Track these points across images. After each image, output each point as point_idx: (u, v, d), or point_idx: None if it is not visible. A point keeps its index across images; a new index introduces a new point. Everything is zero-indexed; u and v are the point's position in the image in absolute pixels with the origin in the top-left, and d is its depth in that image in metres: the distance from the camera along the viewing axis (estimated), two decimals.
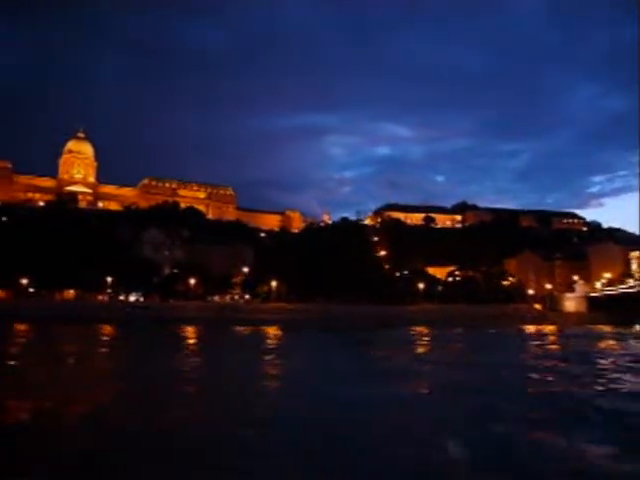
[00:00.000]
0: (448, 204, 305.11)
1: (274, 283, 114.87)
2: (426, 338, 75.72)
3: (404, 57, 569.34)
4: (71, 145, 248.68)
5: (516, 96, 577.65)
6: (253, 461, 15.70)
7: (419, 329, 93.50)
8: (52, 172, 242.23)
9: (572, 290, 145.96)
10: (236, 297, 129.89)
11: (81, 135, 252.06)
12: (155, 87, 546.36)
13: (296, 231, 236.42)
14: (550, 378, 35.26)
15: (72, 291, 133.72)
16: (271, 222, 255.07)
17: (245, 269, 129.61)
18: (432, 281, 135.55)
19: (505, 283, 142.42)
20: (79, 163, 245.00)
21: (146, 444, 17.35)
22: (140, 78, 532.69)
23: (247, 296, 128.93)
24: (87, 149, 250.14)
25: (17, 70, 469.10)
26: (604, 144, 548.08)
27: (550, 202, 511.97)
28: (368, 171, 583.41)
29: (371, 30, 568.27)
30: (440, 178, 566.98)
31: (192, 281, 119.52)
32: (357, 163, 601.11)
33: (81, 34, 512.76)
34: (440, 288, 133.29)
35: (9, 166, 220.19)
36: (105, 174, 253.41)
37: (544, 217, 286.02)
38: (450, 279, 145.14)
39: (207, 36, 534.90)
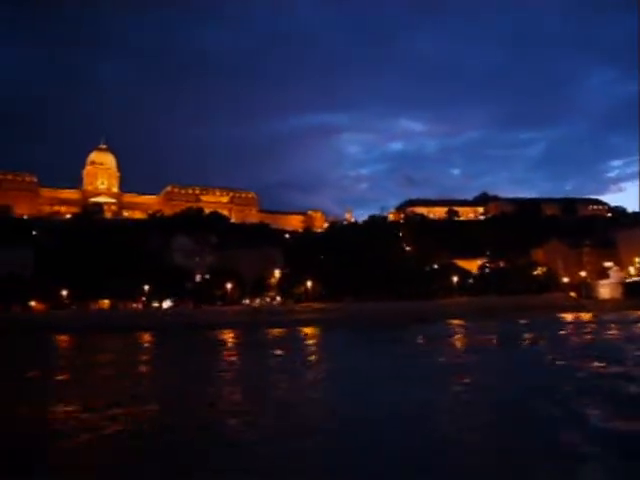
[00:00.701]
0: (465, 197, 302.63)
1: (309, 283, 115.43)
2: (462, 331, 75.59)
3: (416, 53, 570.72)
4: (94, 156, 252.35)
5: (529, 85, 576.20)
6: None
7: (456, 322, 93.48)
8: (76, 184, 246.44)
9: (605, 277, 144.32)
10: (268, 299, 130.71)
11: (103, 146, 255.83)
12: (168, 93, 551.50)
13: (319, 230, 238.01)
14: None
15: (106, 301, 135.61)
16: (294, 223, 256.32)
17: (277, 271, 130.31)
18: (463, 274, 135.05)
19: (536, 273, 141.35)
20: (102, 174, 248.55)
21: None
22: (152, 85, 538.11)
23: (278, 298, 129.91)
24: (109, 160, 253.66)
25: (33, 84, 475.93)
26: (620, 128, 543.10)
27: (569, 189, 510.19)
28: (384, 167, 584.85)
29: (384, 28, 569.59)
30: (456, 171, 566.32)
31: (228, 286, 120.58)
32: (372, 160, 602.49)
33: (91, 42, 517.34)
34: (471, 281, 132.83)
35: (34, 180, 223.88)
36: (127, 183, 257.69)
37: (567, 205, 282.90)
38: (480, 271, 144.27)
39: (218, 39, 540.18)
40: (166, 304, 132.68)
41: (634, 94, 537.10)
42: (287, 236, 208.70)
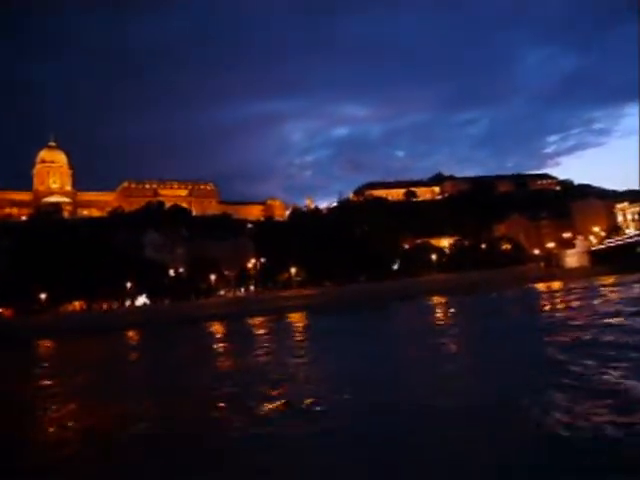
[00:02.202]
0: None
1: (293, 270, 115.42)
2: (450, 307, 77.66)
3: (356, 37, 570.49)
4: (43, 155, 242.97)
5: (470, 66, 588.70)
6: None
7: (437, 299, 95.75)
8: (24, 184, 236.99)
9: (568, 247, 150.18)
10: (243, 289, 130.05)
11: (52, 144, 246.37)
12: (110, 89, 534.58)
13: (281, 219, 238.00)
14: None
15: (77, 302, 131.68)
16: (254, 212, 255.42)
17: (252, 260, 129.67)
18: (435, 252, 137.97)
19: (504, 247, 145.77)
20: (54, 172, 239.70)
21: None
22: (94, 81, 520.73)
23: (252, 287, 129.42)
24: (60, 157, 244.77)
25: None
26: (556, 105, 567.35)
27: (510, 165, 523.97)
28: (328, 153, 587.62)
29: (321, 11, 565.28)
30: (400, 153, 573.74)
31: (212, 277, 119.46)
32: (317, 146, 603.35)
33: (28, 39, 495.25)
34: (444, 259, 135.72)
35: None
36: (80, 182, 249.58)
37: (519, 180, 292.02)
38: (453, 248, 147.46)
39: (157, 32, 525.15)
40: (141, 300, 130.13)
41: (569, 71, 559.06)
42: (250, 226, 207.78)
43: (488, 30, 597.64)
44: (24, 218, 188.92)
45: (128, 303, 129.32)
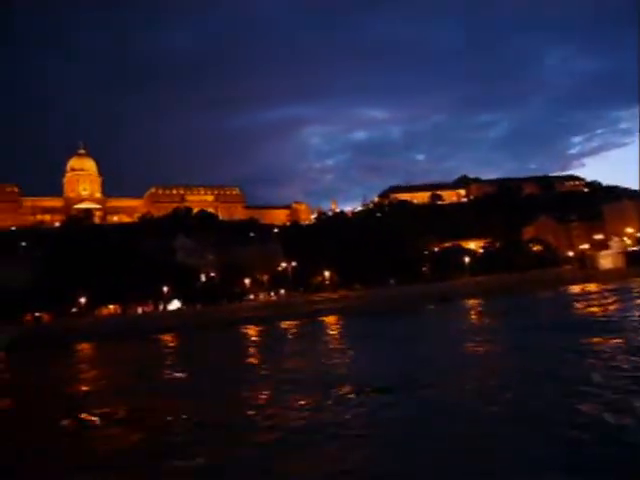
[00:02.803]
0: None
1: (327, 273, 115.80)
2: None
3: (374, 40, 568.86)
4: (73, 163, 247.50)
5: (489, 67, 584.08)
6: None
7: (472, 301, 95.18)
8: (56, 191, 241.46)
9: (600, 249, 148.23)
10: (281, 292, 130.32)
11: (82, 151, 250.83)
12: (137, 95, 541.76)
13: (307, 223, 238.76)
14: None
15: (112, 306, 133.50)
16: (279, 217, 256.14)
17: (283, 264, 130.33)
18: (467, 254, 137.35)
19: (536, 249, 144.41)
20: (84, 179, 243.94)
21: None
22: (120, 88, 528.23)
23: (282, 291, 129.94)
24: (89, 165, 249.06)
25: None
26: (579, 105, 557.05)
27: (533, 167, 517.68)
28: (348, 157, 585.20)
29: (339, 15, 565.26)
30: (420, 156, 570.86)
31: (247, 281, 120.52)
32: (336, 150, 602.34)
33: (48, 49, 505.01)
34: (474, 261, 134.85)
35: (16, 190, 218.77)
36: (108, 188, 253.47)
37: (546, 182, 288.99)
38: (485, 251, 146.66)
39: (177, 40, 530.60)
40: (174, 305, 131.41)
41: (591, 70, 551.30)
42: (276, 230, 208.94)
43: (508, 31, 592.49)
44: (57, 224, 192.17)
45: (161, 307, 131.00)
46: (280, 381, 29.53)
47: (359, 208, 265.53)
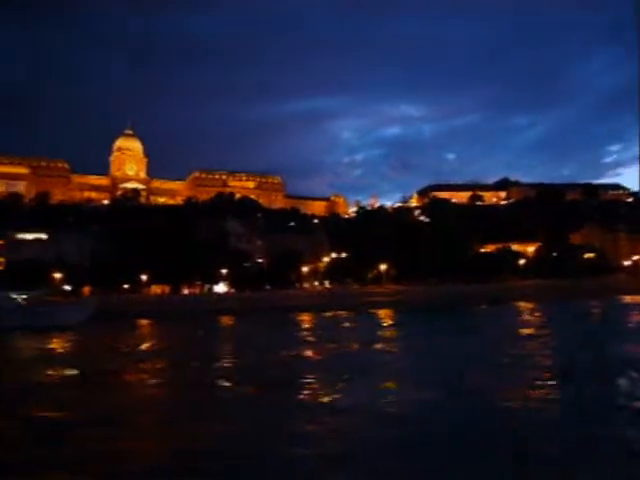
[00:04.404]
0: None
1: (383, 266, 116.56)
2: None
3: (411, 34, 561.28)
4: (120, 142, 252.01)
5: (529, 67, 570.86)
6: None
7: (524, 304, 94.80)
8: (101, 170, 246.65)
9: None
10: (325, 283, 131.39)
11: (129, 132, 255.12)
12: (172, 79, 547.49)
13: (346, 216, 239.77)
14: None
15: (158, 286, 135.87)
16: (317, 208, 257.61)
17: (333, 254, 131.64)
18: (519, 257, 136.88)
19: (587, 256, 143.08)
20: (130, 160, 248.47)
21: None
22: (160, 70, 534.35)
23: (326, 282, 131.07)
24: (136, 145, 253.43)
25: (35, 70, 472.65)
26: (619, 112, 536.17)
27: (567, 174, 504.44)
28: (379, 153, 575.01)
29: (376, 8, 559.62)
30: (451, 156, 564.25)
31: (304, 269, 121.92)
32: (367, 145, 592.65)
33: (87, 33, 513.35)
34: (522, 263, 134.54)
35: (67, 166, 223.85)
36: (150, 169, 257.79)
37: (589, 190, 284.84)
38: (537, 254, 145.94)
39: (215, 25, 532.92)
40: (221, 288, 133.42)
41: (633, 75, 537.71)
42: (316, 221, 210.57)
43: (550, 31, 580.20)
44: (106, 202, 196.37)
45: (206, 289, 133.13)
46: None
47: (398, 204, 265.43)
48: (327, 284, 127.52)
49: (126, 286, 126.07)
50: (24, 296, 72.03)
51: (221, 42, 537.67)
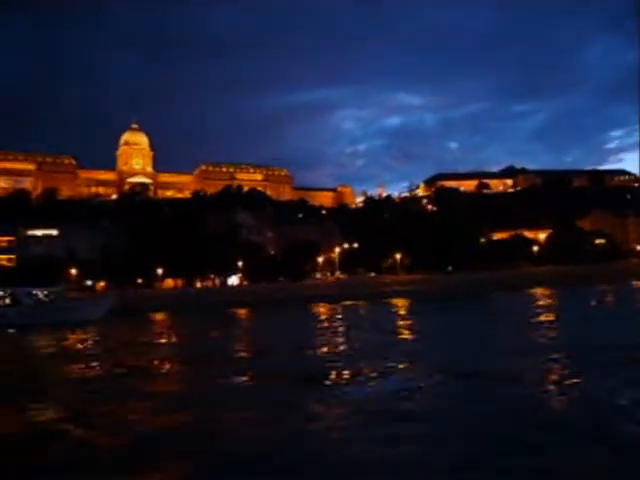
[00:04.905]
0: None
1: (398, 256, 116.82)
2: None
3: (412, 23, 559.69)
4: (127, 137, 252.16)
5: (530, 55, 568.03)
6: None
7: (540, 291, 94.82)
8: (108, 165, 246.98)
9: None
10: (337, 273, 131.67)
11: (135, 126, 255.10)
12: (175, 74, 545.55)
13: (353, 206, 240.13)
14: None
15: (171, 280, 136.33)
16: (324, 199, 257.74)
17: (345, 245, 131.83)
18: (531, 244, 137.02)
19: (598, 242, 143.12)
20: (136, 154, 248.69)
21: None
22: (157, 67, 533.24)
23: (337, 272, 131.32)
24: (142, 139, 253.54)
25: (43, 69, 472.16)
26: (621, 98, 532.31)
27: (569, 160, 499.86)
28: (381, 143, 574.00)
29: None
30: (453, 145, 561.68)
31: (320, 259, 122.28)
32: (369, 136, 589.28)
33: (98, 29, 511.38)
34: (532, 250, 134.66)
35: (73, 162, 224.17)
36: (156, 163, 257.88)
37: (595, 176, 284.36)
38: (548, 240, 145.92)
39: (217, 19, 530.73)
40: (231, 281, 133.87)
41: (634, 63, 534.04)
42: (324, 212, 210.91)
43: (552, 18, 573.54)
44: (114, 197, 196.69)
45: (217, 282, 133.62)
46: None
47: (405, 194, 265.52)
48: (338, 274, 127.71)
49: (139, 280, 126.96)
50: (45, 292, 72.40)
51: (223, 36, 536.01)
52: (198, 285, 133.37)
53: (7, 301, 67.52)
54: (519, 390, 18.73)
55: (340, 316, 68.98)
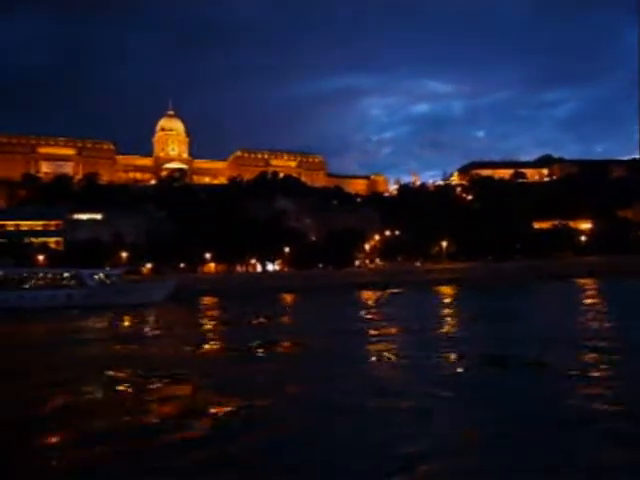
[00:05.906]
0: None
1: (444, 243, 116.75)
2: None
3: (442, 9, 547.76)
4: (163, 123, 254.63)
5: (562, 41, 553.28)
6: None
7: (584, 281, 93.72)
8: (143, 150, 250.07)
9: None
10: (377, 260, 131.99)
11: (171, 112, 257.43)
12: (209, 62, 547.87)
13: (386, 194, 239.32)
14: None
15: (212, 265, 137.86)
16: (359, 187, 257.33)
17: (387, 232, 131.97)
18: (576, 234, 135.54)
19: None
20: (172, 140, 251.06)
21: None
22: (196, 54, 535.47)
23: (377, 260, 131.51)
24: (178, 126, 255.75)
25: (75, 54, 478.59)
26: None
27: (599, 151, 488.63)
28: (408, 130, 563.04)
29: None
30: (480, 133, 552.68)
31: (366, 246, 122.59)
32: (396, 123, 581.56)
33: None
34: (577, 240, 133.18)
35: (112, 147, 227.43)
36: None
37: (635, 166, 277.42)
38: (593, 230, 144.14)
39: (250, 7, 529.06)
40: (271, 267, 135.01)
41: None
42: (359, 200, 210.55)
43: (583, 6, 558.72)
44: (153, 182, 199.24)
45: (263, 268, 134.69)
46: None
47: (439, 182, 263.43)
48: (378, 261, 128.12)
49: (182, 265, 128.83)
50: (106, 274, 74.35)
51: (254, 22, 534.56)
52: (239, 270, 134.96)
53: (72, 282, 69.57)
54: None
55: (390, 303, 69.50)
